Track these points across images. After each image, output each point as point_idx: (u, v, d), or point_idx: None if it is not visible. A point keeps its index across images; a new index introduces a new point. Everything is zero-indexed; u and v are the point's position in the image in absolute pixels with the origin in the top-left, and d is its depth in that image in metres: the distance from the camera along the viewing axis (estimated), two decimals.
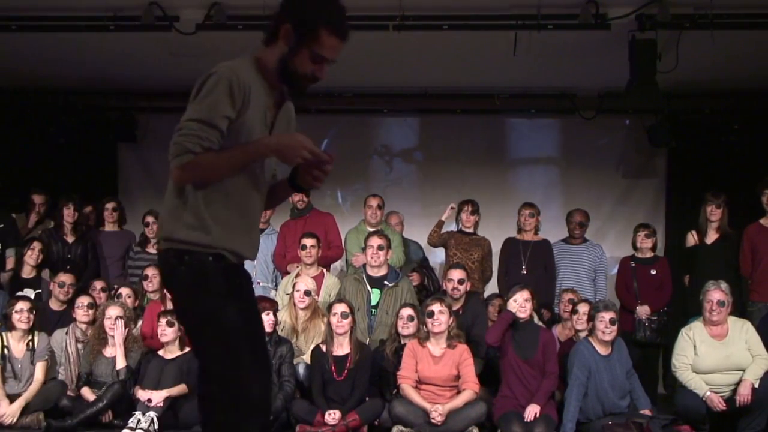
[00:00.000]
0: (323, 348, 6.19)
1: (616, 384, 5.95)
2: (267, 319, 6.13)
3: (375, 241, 6.71)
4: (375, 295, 6.67)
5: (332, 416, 5.89)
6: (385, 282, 6.68)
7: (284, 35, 2.81)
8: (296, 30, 2.80)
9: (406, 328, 6.23)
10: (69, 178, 8.83)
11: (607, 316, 5.94)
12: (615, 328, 5.96)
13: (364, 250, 6.84)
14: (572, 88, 8.58)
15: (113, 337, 6.36)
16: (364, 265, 6.82)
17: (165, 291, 6.49)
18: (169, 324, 6.28)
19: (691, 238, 7.19)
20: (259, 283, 7.32)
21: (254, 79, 2.81)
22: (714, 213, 7.03)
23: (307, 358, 6.40)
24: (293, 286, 6.66)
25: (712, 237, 7.09)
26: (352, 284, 6.73)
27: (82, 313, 6.62)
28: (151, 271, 7.03)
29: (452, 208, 7.39)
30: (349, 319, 6.17)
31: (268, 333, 6.15)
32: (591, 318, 6.04)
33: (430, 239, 7.43)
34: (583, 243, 7.48)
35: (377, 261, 6.67)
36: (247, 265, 7.94)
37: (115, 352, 6.34)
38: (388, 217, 7.87)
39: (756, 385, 5.80)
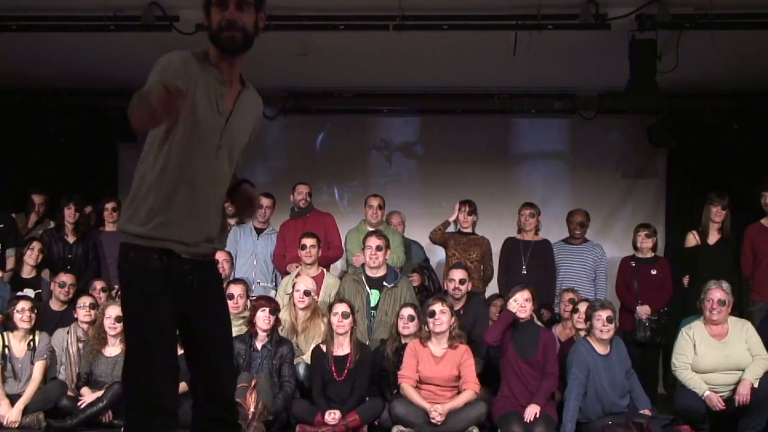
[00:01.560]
0: (323, 348, 6.19)
1: (616, 383, 5.94)
2: (263, 315, 6.14)
3: (373, 242, 6.70)
4: (374, 296, 6.66)
5: (332, 416, 5.88)
6: (384, 283, 6.66)
7: (203, 18, 2.96)
8: (203, 5, 2.94)
9: (407, 328, 6.23)
10: (69, 178, 8.82)
11: (604, 314, 5.93)
12: (612, 326, 5.96)
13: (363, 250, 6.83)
14: (572, 88, 8.58)
15: (113, 336, 6.37)
16: (363, 266, 6.81)
17: None
18: None
19: (692, 239, 7.18)
20: (259, 283, 7.32)
21: (203, 66, 2.89)
22: (719, 214, 7.02)
23: (307, 358, 6.40)
24: (293, 286, 6.66)
25: (714, 238, 7.09)
26: (351, 285, 6.71)
27: (83, 314, 6.62)
28: None
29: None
30: (350, 318, 6.16)
31: (268, 331, 6.18)
32: (588, 317, 6.05)
33: (433, 235, 7.40)
34: (583, 243, 7.48)
35: (375, 262, 6.66)
36: (247, 265, 7.89)
37: (115, 351, 6.35)
38: (389, 217, 7.87)
39: (755, 385, 5.80)
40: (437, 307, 6.03)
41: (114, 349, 6.40)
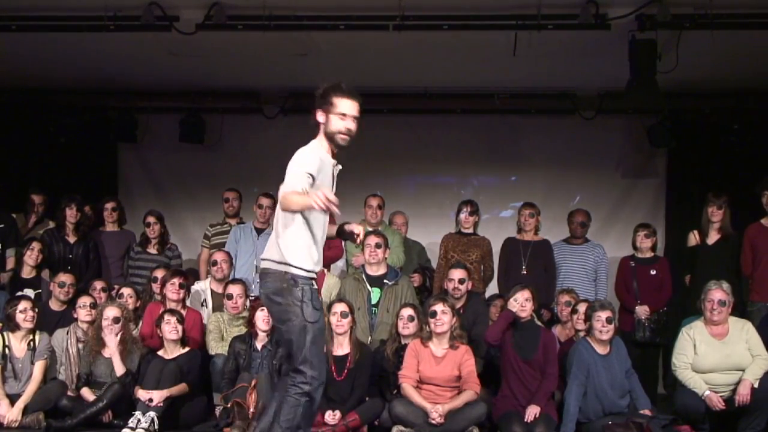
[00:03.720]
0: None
1: (616, 383, 5.95)
2: (262, 315, 6.15)
3: (372, 240, 6.71)
4: (375, 294, 6.67)
5: (332, 416, 5.89)
6: (385, 281, 6.68)
7: (317, 116, 4.29)
8: (320, 107, 4.28)
9: (406, 328, 6.23)
10: (69, 178, 8.83)
11: (604, 315, 5.94)
12: (612, 326, 5.96)
13: (362, 250, 6.83)
14: (572, 88, 8.58)
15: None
16: (363, 266, 6.82)
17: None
18: (179, 321, 6.30)
19: (693, 238, 7.18)
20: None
21: (323, 154, 4.23)
22: (715, 214, 7.02)
23: None
24: None
25: (713, 237, 7.08)
26: (351, 284, 6.73)
27: (84, 314, 6.62)
28: (160, 273, 7.01)
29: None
30: (349, 318, 6.17)
31: (268, 332, 6.18)
32: (588, 318, 6.05)
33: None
34: (584, 243, 7.47)
35: (375, 258, 6.67)
36: (247, 265, 7.86)
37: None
38: (392, 217, 7.87)
39: (756, 385, 5.81)
40: (438, 307, 6.03)
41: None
